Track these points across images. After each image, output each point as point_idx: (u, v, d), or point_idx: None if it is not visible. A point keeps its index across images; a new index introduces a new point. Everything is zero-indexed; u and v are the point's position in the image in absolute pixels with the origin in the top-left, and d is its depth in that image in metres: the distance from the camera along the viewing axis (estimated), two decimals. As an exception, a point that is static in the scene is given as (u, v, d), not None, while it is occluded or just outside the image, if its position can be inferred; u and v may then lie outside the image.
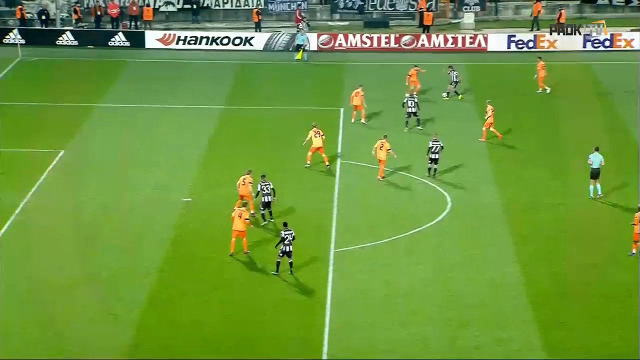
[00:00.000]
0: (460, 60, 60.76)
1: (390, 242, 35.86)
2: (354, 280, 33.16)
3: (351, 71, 59.15)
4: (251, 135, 47.14)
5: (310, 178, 41.60)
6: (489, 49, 63.27)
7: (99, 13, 67.54)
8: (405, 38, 64.61)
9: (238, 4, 71.61)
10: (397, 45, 64.26)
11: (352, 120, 48.33)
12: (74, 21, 67.50)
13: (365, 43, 64.53)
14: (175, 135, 46.92)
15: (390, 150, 40.81)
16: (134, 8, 67.93)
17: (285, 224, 33.72)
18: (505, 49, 62.94)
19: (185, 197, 38.41)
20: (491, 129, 45.63)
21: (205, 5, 70.92)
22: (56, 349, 28.48)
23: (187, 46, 64.35)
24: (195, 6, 70.48)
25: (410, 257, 34.76)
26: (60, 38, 64.81)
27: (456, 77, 52.58)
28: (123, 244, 35.27)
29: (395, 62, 60.59)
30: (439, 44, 63.99)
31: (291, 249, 32.84)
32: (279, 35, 65.57)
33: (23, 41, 62.68)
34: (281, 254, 32.83)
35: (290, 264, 33.09)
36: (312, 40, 64.69)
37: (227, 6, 71.49)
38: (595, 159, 38.68)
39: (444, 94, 52.57)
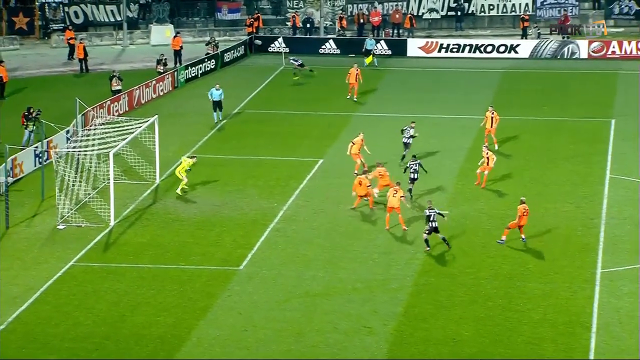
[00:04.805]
0: None
1: (662, 264, 33.27)
2: (622, 302, 30.93)
3: (625, 80, 56.15)
4: (512, 146, 45.48)
5: (574, 192, 39.47)
6: None
7: (361, 21, 67.87)
8: (686, 45, 60.74)
9: (504, 10, 69.89)
10: (676, 53, 60.57)
11: (496, 147, 44.18)
12: (337, 29, 68.21)
13: (641, 51, 61.37)
14: (433, 146, 45.90)
15: (402, 198, 35.94)
16: (397, 15, 67.75)
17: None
18: None
19: (442, 209, 37.20)
20: (485, 172, 40.07)
21: (469, 12, 69.67)
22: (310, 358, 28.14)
23: (448, 54, 63.35)
24: (459, 13, 69.38)
25: (685, 281, 32.05)
26: (323, 46, 65.59)
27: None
28: (376, 255, 34.63)
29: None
30: None
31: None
32: (547, 42, 63.36)
33: (287, 49, 63.85)
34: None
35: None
36: (583, 48, 62.02)
37: (493, 12, 69.93)
38: None
39: None
